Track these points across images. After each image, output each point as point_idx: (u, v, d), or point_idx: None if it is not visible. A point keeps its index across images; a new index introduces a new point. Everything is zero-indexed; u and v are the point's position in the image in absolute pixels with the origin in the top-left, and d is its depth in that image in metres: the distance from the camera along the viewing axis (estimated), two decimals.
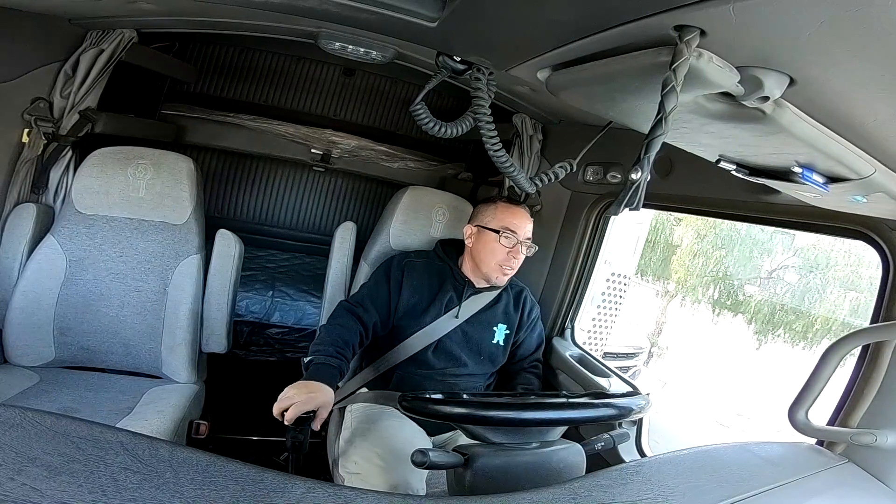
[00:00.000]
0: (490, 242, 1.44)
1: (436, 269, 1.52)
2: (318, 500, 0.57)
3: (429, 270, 1.51)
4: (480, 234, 1.47)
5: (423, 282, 1.49)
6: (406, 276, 1.48)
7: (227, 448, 1.79)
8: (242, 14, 1.44)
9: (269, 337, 2.49)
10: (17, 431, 0.54)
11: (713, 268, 7.39)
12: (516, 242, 1.44)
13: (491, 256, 1.44)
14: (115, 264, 1.57)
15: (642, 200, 0.63)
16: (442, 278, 1.51)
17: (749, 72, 0.57)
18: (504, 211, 1.47)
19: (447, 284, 1.50)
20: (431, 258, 1.56)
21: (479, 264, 1.47)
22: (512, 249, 1.44)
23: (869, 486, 0.95)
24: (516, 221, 1.45)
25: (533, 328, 1.61)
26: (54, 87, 1.54)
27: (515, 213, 1.47)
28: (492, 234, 1.44)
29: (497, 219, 1.46)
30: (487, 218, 1.48)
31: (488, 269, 1.45)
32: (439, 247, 1.59)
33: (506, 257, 1.44)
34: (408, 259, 1.52)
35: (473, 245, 1.48)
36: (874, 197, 0.81)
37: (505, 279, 1.48)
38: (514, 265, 1.45)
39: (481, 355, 1.50)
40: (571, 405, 0.95)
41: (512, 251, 1.44)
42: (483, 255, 1.45)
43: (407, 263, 1.51)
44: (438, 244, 1.60)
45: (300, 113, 2.99)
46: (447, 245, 1.59)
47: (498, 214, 1.46)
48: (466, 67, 1.04)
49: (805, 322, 6.80)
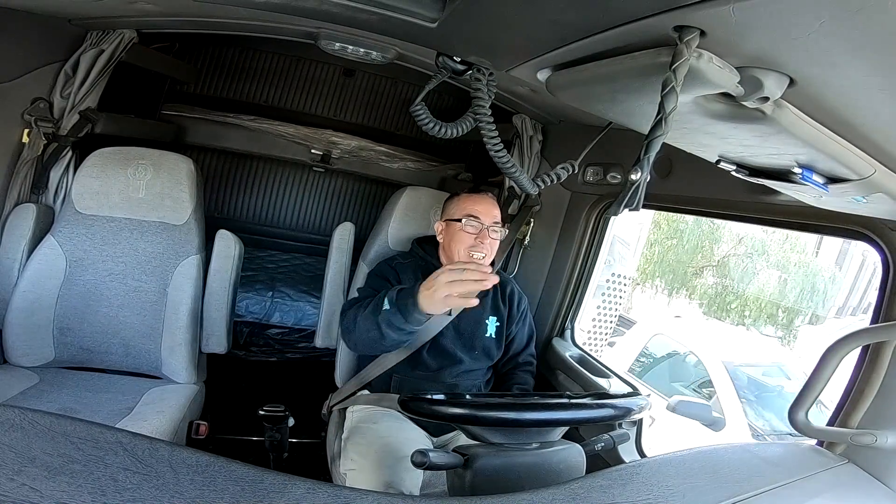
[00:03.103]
0: (456, 232, 1.45)
1: (420, 268, 1.52)
2: (318, 501, 0.57)
3: (415, 270, 1.51)
4: (448, 227, 1.48)
5: (412, 282, 1.48)
6: (402, 278, 1.47)
7: (227, 448, 1.79)
8: (242, 14, 1.44)
9: (269, 337, 2.49)
10: (16, 432, 0.54)
11: (666, 256, 8.11)
12: (482, 228, 1.44)
13: (459, 245, 1.44)
14: (114, 265, 1.57)
15: (642, 201, 0.63)
16: (426, 276, 1.50)
17: (749, 72, 0.57)
18: (466, 200, 1.48)
19: None
20: (414, 257, 1.56)
21: (451, 256, 1.47)
22: (479, 235, 1.43)
23: (869, 487, 0.94)
24: (478, 207, 1.45)
25: (524, 321, 1.61)
26: (54, 88, 1.54)
27: (477, 200, 1.47)
28: (457, 224, 1.45)
29: (460, 208, 1.47)
30: (452, 210, 1.49)
31: (460, 259, 1.44)
32: (416, 245, 1.58)
33: (473, 243, 1.43)
34: (396, 262, 1.53)
35: (444, 239, 1.50)
36: (874, 197, 0.81)
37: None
38: (484, 250, 1.44)
39: (475, 350, 1.50)
40: (571, 406, 0.95)
41: (479, 237, 1.43)
42: (452, 245, 1.45)
43: (397, 265, 1.51)
44: (415, 242, 1.60)
45: (300, 113, 2.99)
46: (425, 242, 1.59)
47: (461, 204, 1.47)
48: (466, 68, 1.04)
49: (740, 302, 7.66)
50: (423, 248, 1.56)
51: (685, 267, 8.06)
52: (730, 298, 7.69)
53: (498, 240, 1.48)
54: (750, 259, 7.78)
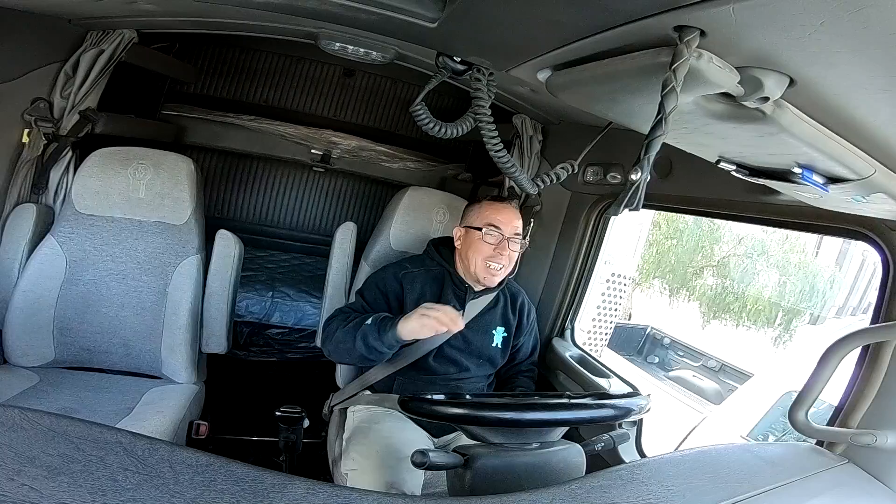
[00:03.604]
0: (475, 241, 1.42)
1: (433, 274, 1.49)
2: (318, 501, 0.57)
3: (427, 278, 1.48)
4: (467, 234, 1.45)
5: (426, 292, 1.45)
6: (406, 291, 1.44)
7: (227, 448, 1.79)
8: (242, 14, 1.44)
9: (269, 337, 2.49)
10: (16, 432, 0.54)
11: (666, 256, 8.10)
12: (501, 238, 1.41)
13: (477, 254, 1.41)
14: (115, 265, 1.57)
15: (642, 201, 0.63)
16: (441, 284, 1.47)
17: (749, 72, 0.57)
18: (488, 208, 1.45)
19: (447, 291, 1.46)
20: (426, 263, 1.52)
21: (468, 265, 1.44)
22: (497, 246, 1.40)
23: (869, 487, 0.94)
24: (500, 217, 1.42)
25: (531, 332, 1.61)
26: (54, 88, 1.54)
27: (500, 210, 1.44)
28: (476, 233, 1.42)
29: (481, 216, 1.44)
30: (473, 217, 1.46)
31: (476, 269, 1.42)
32: (432, 248, 1.54)
33: (492, 254, 1.40)
34: (405, 271, 1.48)
35: (461, 246, 1.46)
36: (874, 197, 0.81)
37: (494, 279, 1.43)
38: (503, 262, 1.41)
39: (481, 359, 1.49)
40: (571, 406, 0.95)
41: (498, 247, 1.40)
42: (470, 254, 1.42)
43: (404, 276, 1.46)
44: (431, 245, 1.55)
45: (300, 113, 2.99)
46: (441, 245, 1.55)
47: (482, 212, 1.45)
48: (466, 68, 1.04)
49: (740, 303, 7.58)
50: (440, 251, 1.52)
51: (685, 267, 8.08)
52: (729, 299, 7.69)
53: (518, 251, 1.45)
54: (750, 259, 7.78)
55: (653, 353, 5.93)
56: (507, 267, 1.44)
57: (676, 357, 5.75)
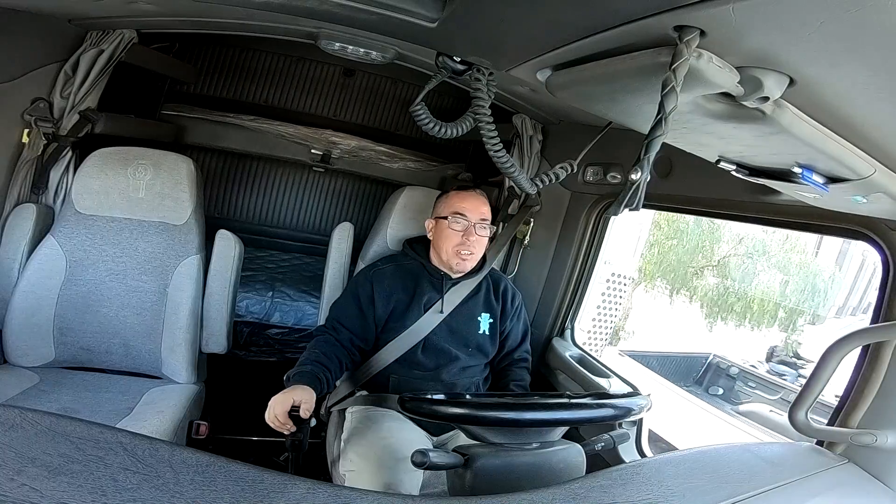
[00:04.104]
0: (444, 230, 1.47)
1: (406, 269, 1.53)
2: (318, 501, 0.57)
3: (400, 273, 1.52)
4: (437, 224, 1.50)
5: (396, 286, 1.49)
6: (376, 289, 1.48)
7: (227, 448, 1.79)
8: (242, 14, 1.44)
9: (269, 337, 2.49)
10: (16, 432, 0.54)
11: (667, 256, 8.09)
12: (468, 225, 1.45)
13: (446, 242, 1.46)
14: (115, 265, 1.57)
15: (642, 201, 0.63)
16: (416, 277, 1.51)
17: (749, 72, 0.57)
18: (454, 197, 1.50)
19: (423, 282, 1.50)
20: (399, 260, 1.56)
21: (439, 254, 1.49)
22: (465, 233, 1.45)
23: (869, 487, 0.95)
24: (465, 205, 1.47)
25: (518, 317, 1.61)
26: (54, 88, 1.54)
27: (465, 198, 1.48)
28: (444, 222, 1.47)
29: (448, 206, 1.49)
30: (441, 207, 1.51)
31: (447, 256, 1.47)
32: (406, 245, 1.60)
33: (460, 241, 1.45)
34: (375, 269, 1.53)
35: (433, 237, 1.51)
36: (874, 197, 0.81)
37: (466, 264, 1.48)
38: (472, 248, 1.46)
39: (469, 347, 1.50)
40: (571, 406, 0.95)
41: (465, 234, 1.45)
42: (440, 242, 1.48)
43: (374, 274, 1.51)
44: (406, 243, 1.61)
45: (300, 113, 2.99)
46: (415, 242, 1.60)
47: (449, 201, 1.49)
48: (466, 68, 1.04)
49: (744, 304, 7.56)
50: (415, 248, 1.57)
51: (685, 267, 8.11)
52: (732, 300, 7.70)
53: (486, 237, 1.49)
54: (751, 259, 7.79)
55: (715, 384, 5.60)
56: (476, 253, 1.48)
57: (747, 389, 5.38)
